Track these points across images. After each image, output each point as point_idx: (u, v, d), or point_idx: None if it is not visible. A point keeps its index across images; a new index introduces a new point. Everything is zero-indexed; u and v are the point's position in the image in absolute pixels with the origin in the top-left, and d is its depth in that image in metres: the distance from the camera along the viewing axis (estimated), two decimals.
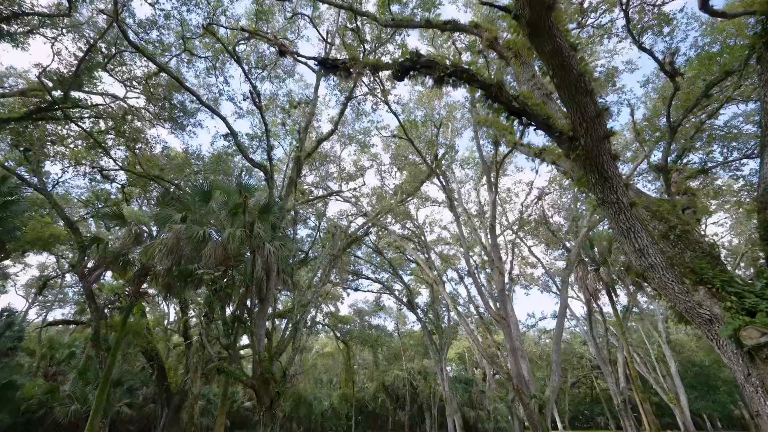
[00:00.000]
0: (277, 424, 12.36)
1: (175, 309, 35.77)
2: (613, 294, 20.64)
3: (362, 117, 17.89)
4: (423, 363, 41.99)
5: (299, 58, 11.20)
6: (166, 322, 37.38)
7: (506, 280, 16.19)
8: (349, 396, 40.91)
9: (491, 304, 16.49)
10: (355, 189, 20.66)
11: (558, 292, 32.88)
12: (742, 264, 26.79)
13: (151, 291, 28.28)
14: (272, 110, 17.31)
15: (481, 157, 17.25)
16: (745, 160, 16.61)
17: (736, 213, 23.22)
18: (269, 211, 13.39)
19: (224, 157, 17.16)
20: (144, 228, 16.25)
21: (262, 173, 16.20)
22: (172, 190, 15.71)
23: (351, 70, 5.87)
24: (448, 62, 5.32)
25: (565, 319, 40.23)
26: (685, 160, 15.79)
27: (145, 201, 21.41)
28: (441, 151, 18.32)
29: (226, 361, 15.75)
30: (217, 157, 16.76)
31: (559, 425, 49.52)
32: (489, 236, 16.98)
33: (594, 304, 23.60)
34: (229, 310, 15.70)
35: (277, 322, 29.61)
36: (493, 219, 16.88)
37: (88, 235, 17.13)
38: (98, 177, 16.97)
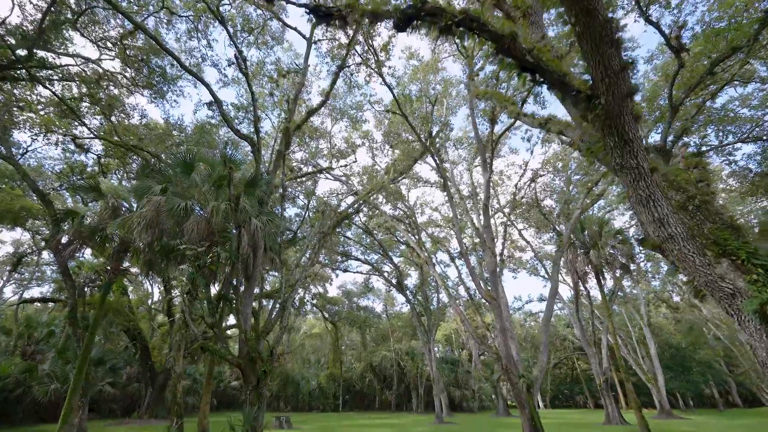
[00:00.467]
0: (263, 402, 12.09)
1: (159, 288, 35.08)
2: (601, 277, 20.76)
3: (354, 89, 17.14)
4: (411, 344, 42.48)
5: (291, 1, 10.46)
6: (150, 301, 36.73)
7: (497, 261, 16.00)
8: (336, 376, 41.29)
9: (482, 285, 16.33)
10: (346, 166, 20.03)
11: (546, 276, 33.26)
12: None
13: (132, 269, 27.47)
14: (259, 79, 16.36)
15: (477, 135, 16.76)
16: (739, 144, 16.54)
17: (725, 199, 23.36)
18: (256, 185, 12.75)
19: (208, 129, 16.22)
20: (123, 203, 15.45)
21: (248, 147, 15.45)
22: (152, 162, 14.85)
23: (347, 18, 5.26)
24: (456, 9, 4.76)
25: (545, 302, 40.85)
26: (680, 143, 15.64)
27: (124, 175, 20.40)
28: (435, 129, 17.79)
29: (212, 340, 15.33)
30: (201, 128, 15.81)
31: (541, 404, 51.26)
32: (482, 217, 16.69)
33: (582, 287, 23.84)
34: (214, 290, 15.22)
35: (264, 302, 29.27)
36: (486, 199, 16.55)
37: (63, 208, 16.22)
38: (71, 146, 15.91)
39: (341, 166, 20.04)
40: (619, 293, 31.46)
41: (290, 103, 14.33)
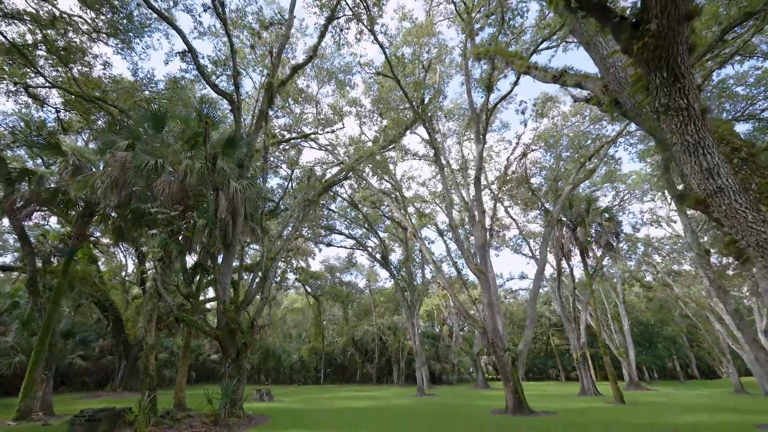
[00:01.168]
0: (243, 375, 11.57)
1: (133, 260, 33.63)
2: (585, 255, 20.90)
3: (344, 48, 15.83)
4: (393, 319, 42.81)
5: None
6: (123, 273, 35.27)
7: (487, 235, 15.67)
8: (318, 349, 41.38)
9: (471, 259, 16.03)
10: (333, 132, 18.88)
11: (530, 255, 33.59)
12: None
13: (103, 239, 25.92)
14: (239, 31, 14.84)
15: (471, 103, 16.02)
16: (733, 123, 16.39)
17: None
18: (235, 146, 11.72)
19: (182, 85, 14.71)
20: (89, 166, 14.08)
21: (227, 107, 14.20)
22: (119, 119, 13.42)
23: None
24: None
25: (531, 281, 41.56)
26: None
27: (90, 137, 18.71)
28: (428, 97, 16.88)
29: (189, 312, 14.52)
30: (174, 82, 14.31)
31: None
32: (473, 189, 16.20)
33: (565, 264, 24.09)
34: (192, 260, 14.30)
35: (245, 276, 28.44)
36: (478, 171, 16.01)
37: (19, 168, 14.69)
38: (25, 98, 14.16)
39: (329, 131, 18.94)
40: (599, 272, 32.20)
41: (273, 57, 13.11)
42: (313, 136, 20.35)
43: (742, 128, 16.09)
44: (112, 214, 14.16)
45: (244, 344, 11.49)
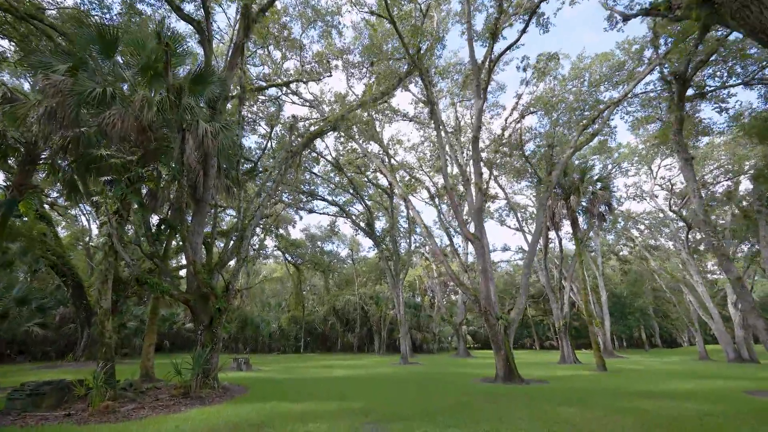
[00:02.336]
0: (218, 343, 10.41)
1: (96, 224, 31.19)
2: (576, 225, 20.46)
3: None
4: (375, 288, 42.44)
5: None
6: (87, 239, 32.84)
7: (483, 199, 14.72)
8: (298, 318, 40.74)
9: (465, 224, 15.10)
10: (320, 79, 16.93)
11: (515, 225, 33.30)
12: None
13: (59, 197, 23.49)
14: None
15: (472, 54, 14.54)
16: (734, 90, 15.72)
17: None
18: (205, 83, 9.93)
19: (139, 10, 12.34)
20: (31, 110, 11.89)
21: (196, 46, 12.17)
22: (63, 47, 11.21)
23: None
24: None
25: (512, 252, 41.29)
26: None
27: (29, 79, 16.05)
28: (425, 46, 15.24)
29: (157, 275, 13.02)
30: (130, 6, 11.91)
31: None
32: (470, 150, 15.03)
33: (553, 235, 23.76)
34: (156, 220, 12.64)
35: (220, 244, 26.81)
36: (477, 130, 14.82)
37: None
38: None
39: (315, 79, 17.00)
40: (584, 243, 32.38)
41: None
42: (295, 86, 18.36)
43: (743, 96, 15.37)
44: (63, 165, 12.25)
45: (219, 310, 10.27)
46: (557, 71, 20.43)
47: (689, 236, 29.03)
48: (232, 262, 13.90)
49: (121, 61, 9.60)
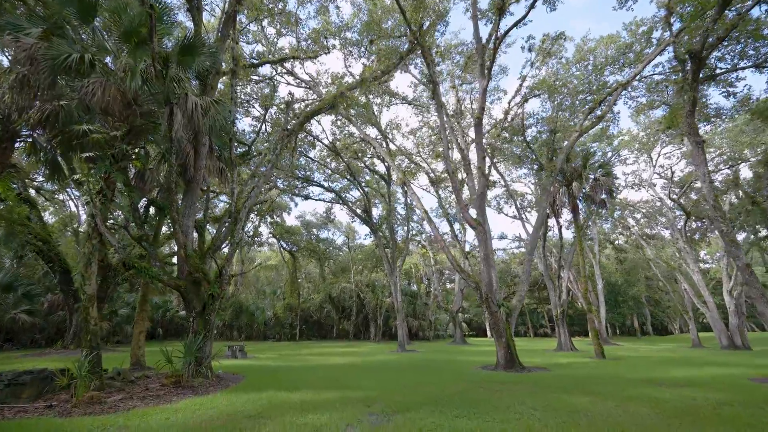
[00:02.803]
0: (211, 331, 9.95)
1: (84, 209, 30.30)
2: (576, 211, 20.14)
3: None
4: (371, 276, 42.15)
5: None
6: (76, 224, 32.00)
7: (486, 183, 14.25)
8: (293, 306, 40.43)
9: (467, 209, 14.63)
10: (316, 56, 16.07)
11: (513, 213, 32.99)
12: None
13: (43, 180, 22.62)
14: None
15: (476, 31, 13.89)
16: (744, 74, 15.30)
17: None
18: (194, 53, 9.22)
19: None
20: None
21: (184, 7, 11.36)
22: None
23: None
24: None
25: (509, 241, 41.09)
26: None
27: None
28: (428, 22, 14.50)
29: (146, 260, 12.44)
30: None
31: (488, 333, 55.25)
32: (474, 132, 14.50)
33: (552, 222, 23.48)
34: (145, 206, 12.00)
35: (212, 230, 26.16)
36: (480, 111, 14.25)
37: None
38: None
39: (312, 57, 16.13)
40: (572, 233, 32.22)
41: None
42: (290, 65, 17.51)
43: (752, 80, 14.91)
44: (45, 144, 11.52)
45: (211, 296, 9.78)
46: (562, 54, 19.84)
47: (687, 225, 28.97)
48: (225, 249, 13.40)
49: (102, 28, 8.85)
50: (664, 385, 9.35)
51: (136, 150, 9.43)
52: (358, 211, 29.82)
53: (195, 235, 12.06)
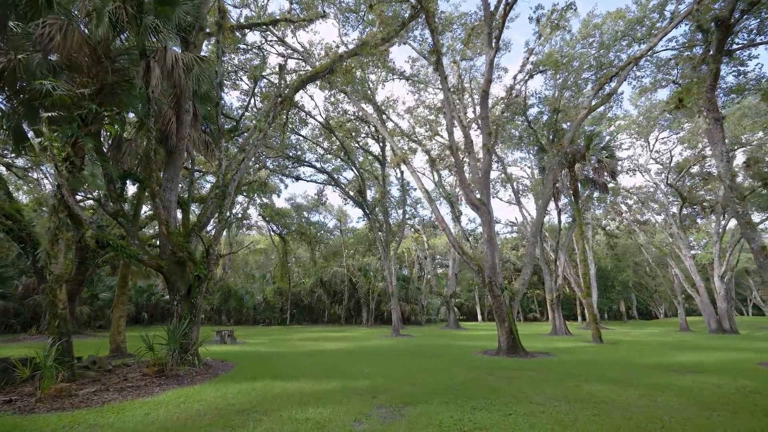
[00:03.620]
0: (197, 315, 9.11)
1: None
2: (577, 194, 19.63)
3: None
4: (363, 260, 41.54)
5: None
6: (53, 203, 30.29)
7: (491, 160, 13.49)
8: (284, 290, 39.68)
9: (470, 189, 13.89)
10: (310, 22, 14.72)
11: (510, 201, 32.48)
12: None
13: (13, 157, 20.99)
14: None
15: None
16: (756, 51, 14.64)
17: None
18: (174, 3, 8.06)
19: None
20: None
21: None
22: None
23: None
24: None
25: (501, 226, 40.76)
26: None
27: None
28: None
29: (125, 239, 11.40)
30: None
31: (479, 317, 55.74)
32: (480, 107, 13.65)
33: (554, 203, 23.02)
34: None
35: (196, 211, 24.95)
36: (487, 83, 13.39)
37: None
38: None
39: (306, 20, 14.81)
40: (568, 219, 31.96)
41: None
42: (282, 32, 16.18)
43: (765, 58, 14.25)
44: (6, 109, 10.25)
45: (198, 278, 8.90)
46: (569, 27, 18.94)
47: (683, 210, 28.94)
48: (213, 232, 12.35)
49: None
50: (680, 372, 8.94)
51: (109, 113, 8.32)
52: (351, 193, 28.89)
53: (180, 216, 11.06)
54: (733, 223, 29.21)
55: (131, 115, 12.46)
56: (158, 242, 9.35)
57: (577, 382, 7.65)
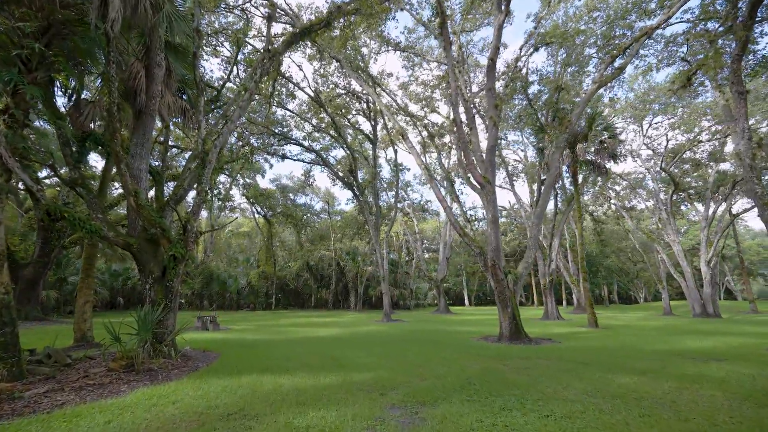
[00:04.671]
0: (174, 301, 7.98)
1: None
2: (576, 176, 19.03)
3: None
4: (352, 244, 40.55)
5: None
6: (14, 181, 27.94)
7: (497, 135, 12.53)
8: (269, 274, 38.44)
9: (475, 165, 12.95)
10: None
11: (506, 186, 31.85)
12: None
13: None
14: None
15: None
16: None
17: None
18: None
19: None
20: None
21: None
22: None
23: None
24: None
25: (500, 209, 40.32)
26: None
27: None
28: None
29: (89, 213, 10.03)
30: None
31: (466, 302, 55.91)
32: (486, 77, 12.61)
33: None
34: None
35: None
36: (494, 51, 12.33)
37: None
38: None
39: None
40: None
41: None
42: None
43: None
44: None
45: (173, 258, 7.74)
46: (571, 3, 17.92)
47: (674, 196, 28.97)
48: (199, 213, 11.05)
49: None
50: (699, 359, 8.42)
51: (60, 59, 6.88)
52: (340, 173, 27.63)
53: (153, 190, 9.75)
54: (722, 209, 29.49)
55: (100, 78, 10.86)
56: (127, 213, 8.08)
57: (600, 372, 6.97)
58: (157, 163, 14.27)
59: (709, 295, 27.32)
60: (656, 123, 30.21)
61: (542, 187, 23.60)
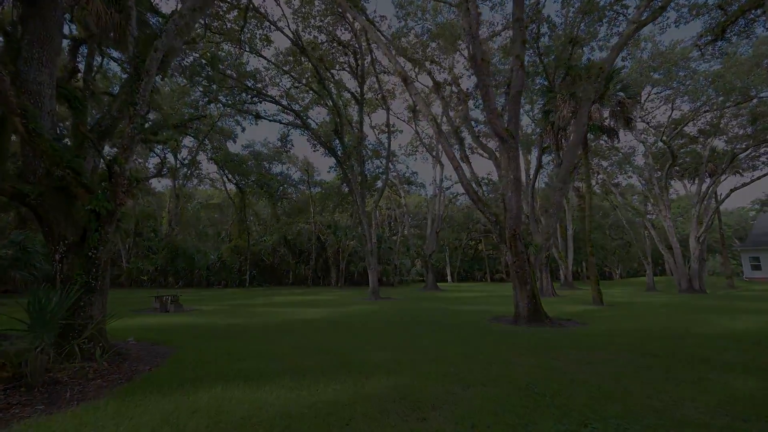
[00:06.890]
0: (102, 279, 5.52)
1: None
2: (586, 142, 17.30)
3: None
4: (333, 217, 38.05)
5: None
6: None
7: (523, 78, 10.34)
8: (242, 249, 35.52)
9: (497, 115, 10.77)
10: None
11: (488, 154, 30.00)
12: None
13: None
14: None
15: None
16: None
17: None
18: None
19: None
20: None
21: None
22: None
23: None
24: None
25: (478, 182, 38.74)
26: None
27: None
28: None
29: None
30: None
31: (449, 279, 55.22)
32: (514, 4, 10.25)
33: (557, 153, 20.71)
34: None
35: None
36: None
37: None
38: None
39: None
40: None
41: None
42: None
43: None
44: None
45: (96, 215, 5.23)
46: None
47: (671, 170, 28.21)
48: (133, 149, 8.02)
49: None
50: (750, 343, 6.91)
51: None
52: (322, 138, 24.82)
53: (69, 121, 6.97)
54: (712, 187, 29.09)
55: None
56: (22, 152, 5.33)
57: (700, 371, 5.21)
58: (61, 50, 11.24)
59: (696, 270, 27.15)
60: (655, 93, 28.99)
61: (581, 139, 21.82)
